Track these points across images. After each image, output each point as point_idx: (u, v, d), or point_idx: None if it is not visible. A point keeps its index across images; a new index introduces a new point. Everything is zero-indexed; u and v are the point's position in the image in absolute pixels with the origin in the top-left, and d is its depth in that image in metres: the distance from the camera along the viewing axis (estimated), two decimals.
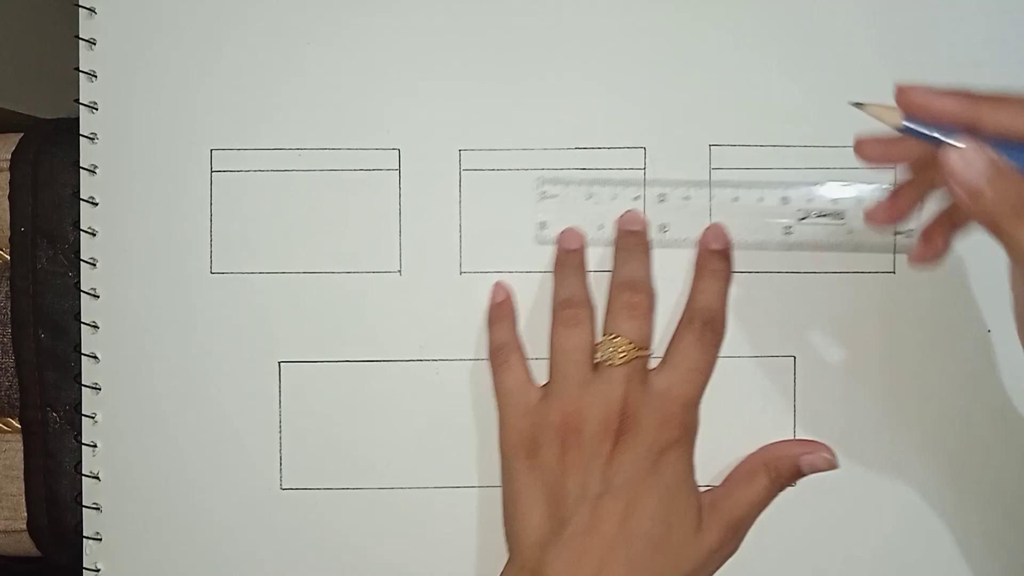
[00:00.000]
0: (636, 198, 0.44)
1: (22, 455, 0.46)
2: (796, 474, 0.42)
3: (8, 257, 0.46)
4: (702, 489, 0.42)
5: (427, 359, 0.44)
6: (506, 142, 0.44)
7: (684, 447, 0.41)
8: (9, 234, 0.46)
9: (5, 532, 0.47)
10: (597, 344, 0.41)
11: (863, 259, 0.43)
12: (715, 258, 0.43)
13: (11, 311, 0.46)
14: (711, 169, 0.44)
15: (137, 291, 0.44)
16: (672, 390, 0.41)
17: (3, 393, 0.47)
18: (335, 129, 0.44)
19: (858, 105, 0.36)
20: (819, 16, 0.44)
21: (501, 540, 0.42)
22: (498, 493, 0.43)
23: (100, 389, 0.44)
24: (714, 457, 0.43)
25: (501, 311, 0.43)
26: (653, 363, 0.42)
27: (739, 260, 0.43)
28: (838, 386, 0.44)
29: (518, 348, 0.43)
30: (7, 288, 0.46)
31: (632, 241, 0.43)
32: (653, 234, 0.44)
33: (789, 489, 0.43)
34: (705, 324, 0.41)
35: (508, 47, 0.44)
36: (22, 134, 0.47)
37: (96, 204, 0.44)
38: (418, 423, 0.44)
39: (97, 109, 0.44)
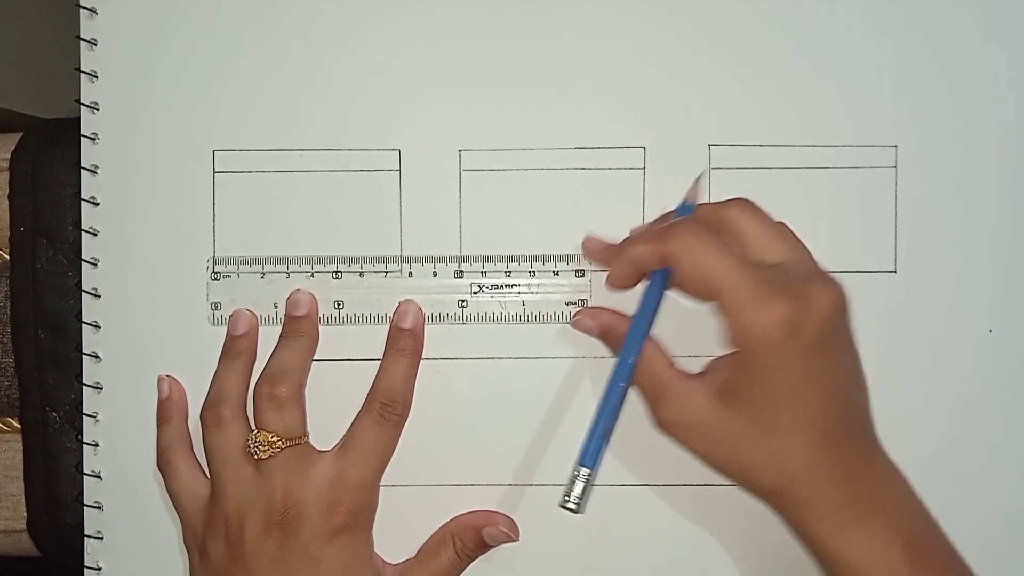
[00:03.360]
0: (310, 276, 0.44)
1: (22, 455, 0.46)
2: (481, 545, 0.43)
3: (8, 257, 0.46)
4: (397, 562, 0.43)
5: (427, 359, 0.44)
6: (506, 142, 0.44)
7: (355, 532, 0.41)
8: (9, 234, 0.46)
9: (5, 532, 0.47)
10: (244, 442, 0.41)
11: (863, 258, 0.43)
12: (403, 337, 0.43)
13: (11, 311, 0.46)
14: (711, 169, 0.44)
15: (138, 291, 0.44)
16: (342, 474, 0.41)
17: (3, 393, 0.47)
18: (336, 130, 0.44)
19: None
20: (819, 16, 0.44)
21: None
22: (499, 491, 0.43)
23: (101, 388, 0.44)
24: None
25: (166, 410, 0.43)
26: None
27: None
28: None
29: (183, 448, 0.43)
30: (7, 288, 0.46)
31: (289, 328, 0.43)
32: (328, 311, 0.44)
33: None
34: (384, 405, 0.42)
35: (508, 48, 0.44)
36: (22, 134, 0.47)
37: (97, 204, 0.44)
38: (418, 423, 0.44)
39: (98, 109, 0.44)
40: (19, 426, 0.46)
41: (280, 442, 0.40)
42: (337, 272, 0.44)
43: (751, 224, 0.37)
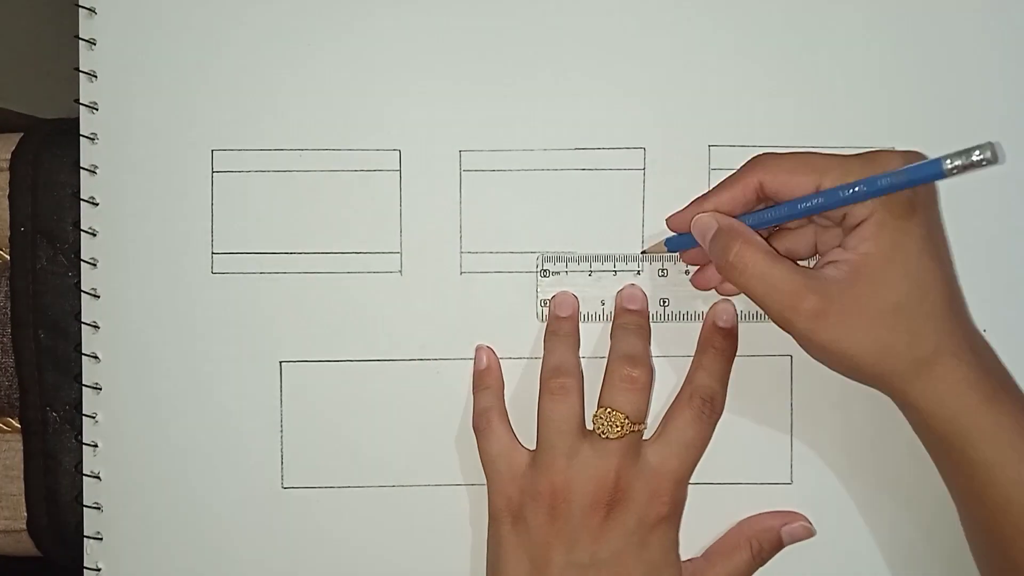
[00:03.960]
0: (637, 273, 0.44)
1: (22, 455, 0.46)
2: (777, 546, 0.43)
3: (8, 257, 0.46)
4: (684, 559, 0.42)
5: (427, 359, 0.44)
6: (506, 143, 0.44)
7: (672, 522, 0.41)
8: (9, 234, 0.46)
9: (5, 532, 0.47)
10: (593, 415, 0.41)
11: None
12: (720, 336, 0.43)
13: (11, 311, 0.46)
14: (711, 169, 0.44)
15: (138, 291, 0.44)
16: (664, 465, 0.41)
17: (3, 393, 0.47)
18: (336, 130, 0.44)
19: (643, 252, 0.44)
20: (819, 17, 0.44)
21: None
22: None
23: (101, 389, 0.44)
24: (712, 456, 0.43)
25: (485, 378, 0.44)
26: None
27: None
28: (835, 385, 0.43)
29: (501, 413, 0.43)
30: (7, 288, 0.46)
31: (631, 319, 0.43)
32: (653, 309, 0.44)
33: (787, 487, 0.43)
34: (704, 402, 0.42)
35: (508, 48, 0.44)
36: (22, 134, 0.47)
37: (96, 204, 0.44)
38: (418, 423, 0.44)
39: (97, 109, 0.44)
40: (19, 426, 0.46)
41: (629, 424, 0.40)
42: (663, 270, 0.44)
43: None
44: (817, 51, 0.44)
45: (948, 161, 0.34)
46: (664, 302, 0.44)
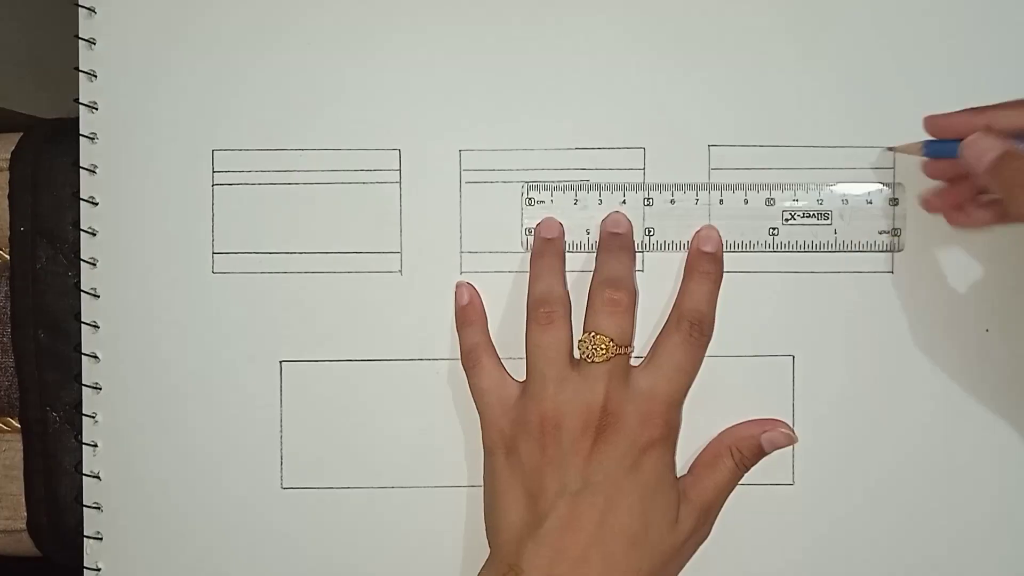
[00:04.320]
0: (622, 202, 0.44)
1: (22, 455, 0.46)
2: (759, 453, 0.43)
3: (8, 257, 0.46)
4: None
5: (427, 359, 0.44)
6: (506, 142, 0.44)
7: (665, 445, 0.41)
8: (9, 234, 0.46)
9: (5, 532, 0.47)
10: (579, 341, 0.41)
11: (862, 259, 0.43)
12: (706, 260, 0.43)
13: (11, 311, 0.46)
14: (710, 169, 0.44)
15: (138, 291, 0.44)
16: (656, 388, 0.41)
17: (3, 393, 0.47)
18: (336, 130, 0.44)
19: (891, 149, 0.43)
20: (820, 17, 0.44)
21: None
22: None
23: (100, 389, 0.44)
24: None
25: (468, 314, 0.43)
26: (634, 361, 0.42)
27: (726, 261, 0.43)
28: (837, 386, 0.44)
29: (488, 347, 0.43)
30: (7, 288, 0.46)
31: (615, 242, 0.43)
32: (639, 238, 0.44)
33: (789, 487, 0.43)
34: (693, 325, 0.42)
35: (509, 48, 0.44)
36: (22, 134, 0.47)
37: (96, 204, 0.44)
38: (418, 423, 0.44)
39: (97, 109, 0.44)
40: (19, 425, 0.46)
41: (614, 347, 0.40)
42: (648, 199, 0.44)
43: None
44: (818, 52, 0.44)
45: None
46: (650, 231, 0.44)
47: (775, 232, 0.44)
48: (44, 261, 0.46)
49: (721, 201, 0.44)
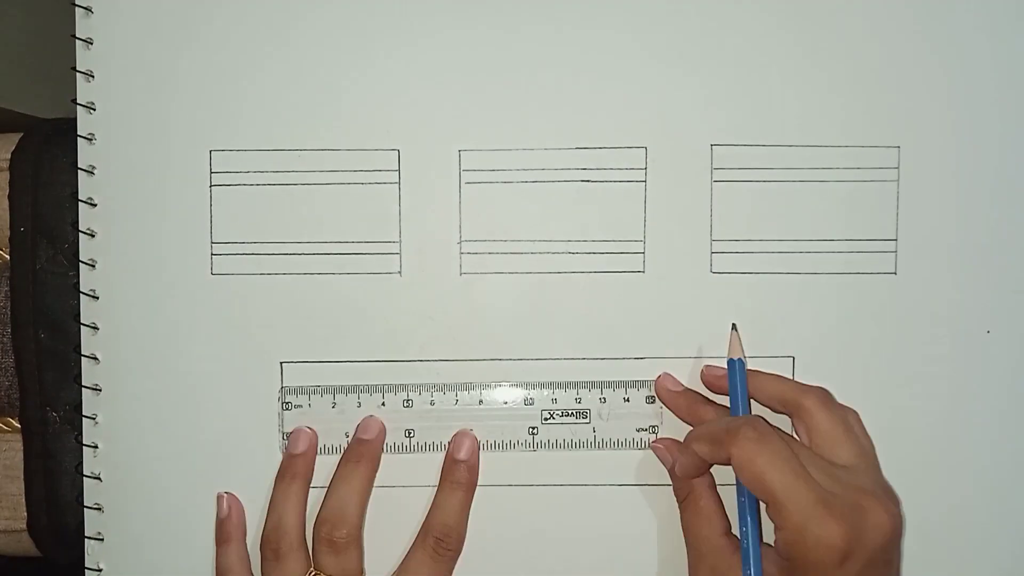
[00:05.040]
0: (381, 404, 0.44)
1: (22, 455, 0.46)
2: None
3: (8, 257, 0.46)
4: None
5: (427, 360, 0.44)
6: (506, 142, 0.44)
7: None
8: (9, 234, 0.46)
9: (5, 532, 0.47)
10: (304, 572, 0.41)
11: (863, 259, 0.43)
12: (458, 469, 0.43)
13: (11, 311, 0.46)
14: (712, 169, 0.44)
15: (137, 292, 0.44)
16: None
17: (3, 393, 0.47)
18: (335, 130, 0.44)
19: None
20: (822, 16, 0.44)
21: (500, 536, 0.43)
22: (497, 491, 0.43)
23: (100, 390, 0.44)
24: None
25: (226, 530, 0.43)
26: None
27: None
28: (837, 386, 0.43)
29: (243, 571, 0.43)
30: (7, 288, 0.46)
31: (352, 452, 0.43)
32: (399, 439, 0.43)
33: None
34: (439, 540, 0.42)
35: (509, 47, 0.44)
36: (22, 134, 0.47)
37: (95, 205, 0.44)
38: (418, 424, 0.44)
39: (95, 109, 0.44)
40: (19, 426, 0.46)
41: None
42: (408, 400, 0.44)
43: (825, 420, 0.38)
44: (820, 51, 0.44)
45: None
46: (409, 432, 0.44)
47: (535, 431, 0.43)
48: (44, 261, 0.46)
49: (480, 401, 0.44)
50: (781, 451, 0.35)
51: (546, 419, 0.44)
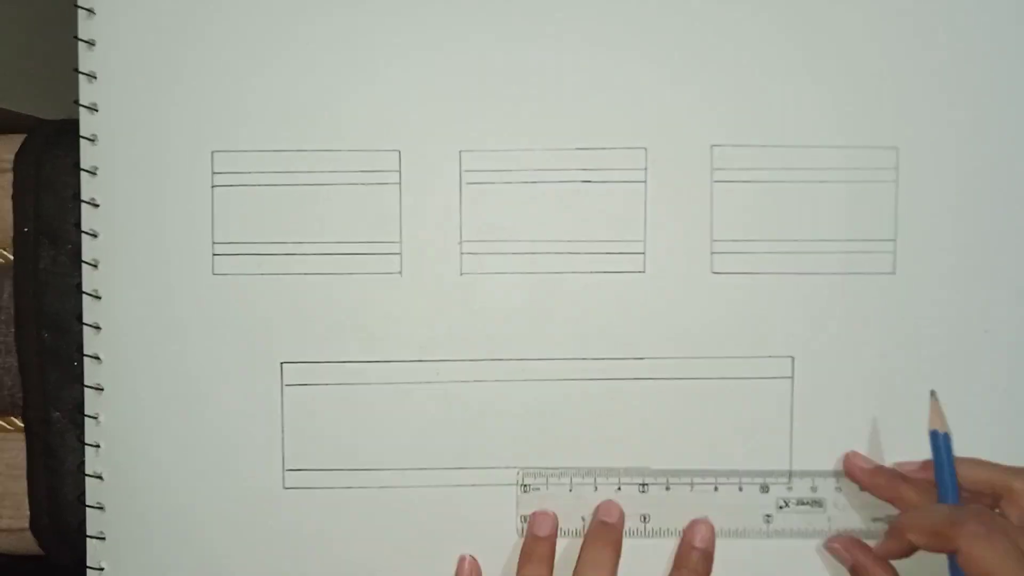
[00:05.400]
0: (618, 489, 0.44)
1: (25, 454, 0.46)
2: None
3: (11, 258, 0.46)
4: None
5: (427, 359, 0.44)
6: (507, 143, 0.44)
7: None
8: (12, 235, 0.46)
9: (8, 531, 0.47)
10: None
11: (862, 259, 0.43)
12: (695, 555, 0.43)
13: (14, 311, 0.46)
14: (713, 169, 0.44)
15: (139, 292, 0.44)
16: None
17: (6, 392, 0.47)
18: (336, 130, 0.44)
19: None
20: (821, 17, 0.44)
21: (501, 537, 0.43)
22: (497, 491, 0.44)
23: (103, 390, 0.44)
24: (714, 458, 0.43)
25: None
26: None
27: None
28: (837, 386, 0.44)
29: None
30: (10, 288, 0.46)
31: (602, 532, 0.43)
32: (634, 524, 0.43)
33: (790, 495, 0.43)
34: None
35: (509, 48, 0.44)
36: (25, 135, 0.47)
37: (97, 206, 0.44)
38: (418, 424, 0.44)
39: (97, 110, 0.44)
40: (22, 425, 0.47)
41: None
42: (644, 485, 0.44)
43: None
44: (819, 52, 0.44)
45: None
46: (645, 518, 0.43)
47: (769, 519, 0.44)
48: (47, 262, 0.46)
49: (716, 489, 0.43)
50: (1011, 549, 0.35)
51: (781, 507, 0.43)
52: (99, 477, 0.44)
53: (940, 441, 0.40)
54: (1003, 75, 0.43)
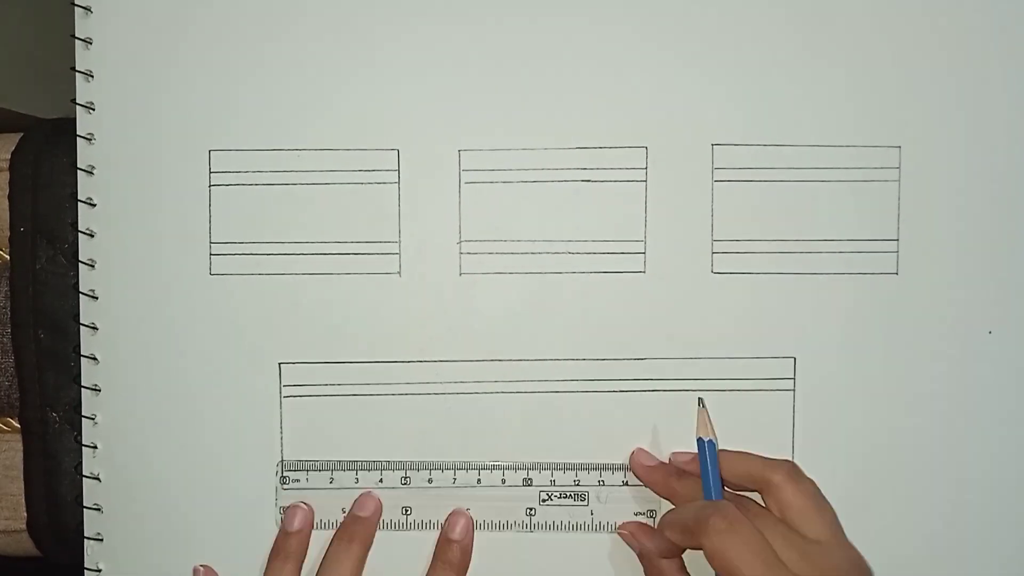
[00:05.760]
0: (379, 481, 0.43)
1: (22, 455, 0.46)
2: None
3: (8, 257, 0.46)
4: None
5: (426, 360, 0.44)
6: (506, 142, 0.44)
7: None
8: (9, 234, 0.46)
9: (5, 532, 0.47)
10: None
11: (864, 259, 0.43)
12: (452, 548, 0.43)
13: (11, 311, 0.46)
14: (713, 168, 0.43)
15: (136, 292, 0.44)
16: None
17: (3, 393, 0.47)
18: (334, 130, 0.44)
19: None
20: (823, 16, 0.43)
21: (502, 538, 0.43)
22: (499, 491, 0.43)
23: (100, 390, 0.44)
24: None
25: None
26: None
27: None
28: (838, 387, 0.43)
29: None
30: (7, 288, 0.46)
31: (347, 529, 0.43)
32: (395, 516, 0.44)
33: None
34: None
35: (508, 47, 0.44)
36: (22, 134, 0.47)
37: (94, 205, 0.44)
38: (418, 424, 0.44)
39: (94, 109, 0.44)
40: (19, 426, 0.46)
41: None
42: (406, 478, 0.44)
43: (795, 494, 0.39)
44: (821, 51, 0.43)
45: None
46: (406, 510, 0.44)
47: (532, 512, 0.43)
48: (44, 261, 0.46)
49: (479, 480, 0.43)
50: (752, 542, 0.36)
51: (544, 500, 0.43)
52: (96, 478, 0.44)
53: (705, 447, 0.40)
54: (1006, 73, 0.43)
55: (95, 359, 0.44)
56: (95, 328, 0.44)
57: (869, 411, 0.43)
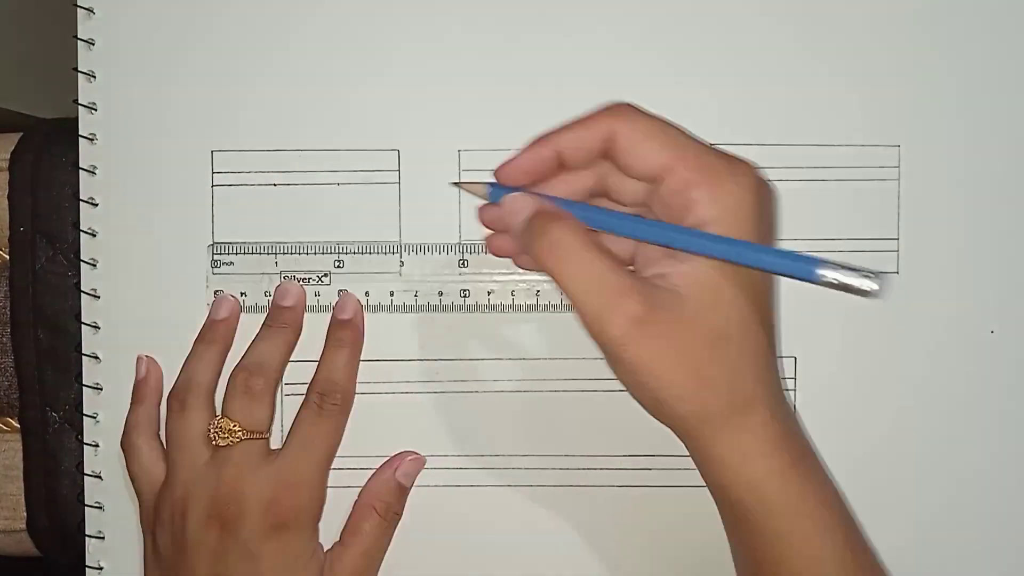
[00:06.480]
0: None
1: (21, 455, 0.46)
2: (401, 493, 0.43)
3: (7, 257, 0.46)
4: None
5: (426, 359, 0.44)
6: (506, 142, 0.43)
7: (296, 528, 0.40)
8: (8, 234, 0.46)
9: (5, 532, 0.47)
10: (207, 426, 0.41)
11: (865, 259, 0.43)
12: (341, 328, 0.43)
13: (10, 311, 0.46)
14: None
15: (137, 292, 0.44)
16: (282, 471, 0.40)
17: (2, 393, 0.47)
18: (335, 130, 0.44)
19: (455, 184, 0.40)
20: (822, 15, 0.43)
21: (503, 538, 0.43)
22: (500, 491, 0.44)
23: (101, 389, 0.44)
24: None
25: (140, 391, 0.43)
26: None
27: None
28: (839, 387, 0.43)
29: (148, 430, 0.43)
30: (6, 288, 0.46)
31: (273, 318, 0.43)
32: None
33: None
34: (322, 396, 0.41)
35: (508, 47, 0.44)
36: (22, 134, 0.47)
37: (96, 205, 0.44)
38: (418, 424, 0.44)
39: (96, 109, 0.44)
40: (19, 426, 0.46)
41: (240, 432, 0.40)
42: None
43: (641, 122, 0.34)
44: (820, 50, 0.43)
45: (823, 272, 0.31)
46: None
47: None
48: (44, 261, 0.46)
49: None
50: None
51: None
52: (98, 476, 0.44)
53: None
54: (1006, 73, 0.43)
55: (97, 358, 0.44)
56: (97, 327, 0.44)
57: (869, 411, 0.43)
